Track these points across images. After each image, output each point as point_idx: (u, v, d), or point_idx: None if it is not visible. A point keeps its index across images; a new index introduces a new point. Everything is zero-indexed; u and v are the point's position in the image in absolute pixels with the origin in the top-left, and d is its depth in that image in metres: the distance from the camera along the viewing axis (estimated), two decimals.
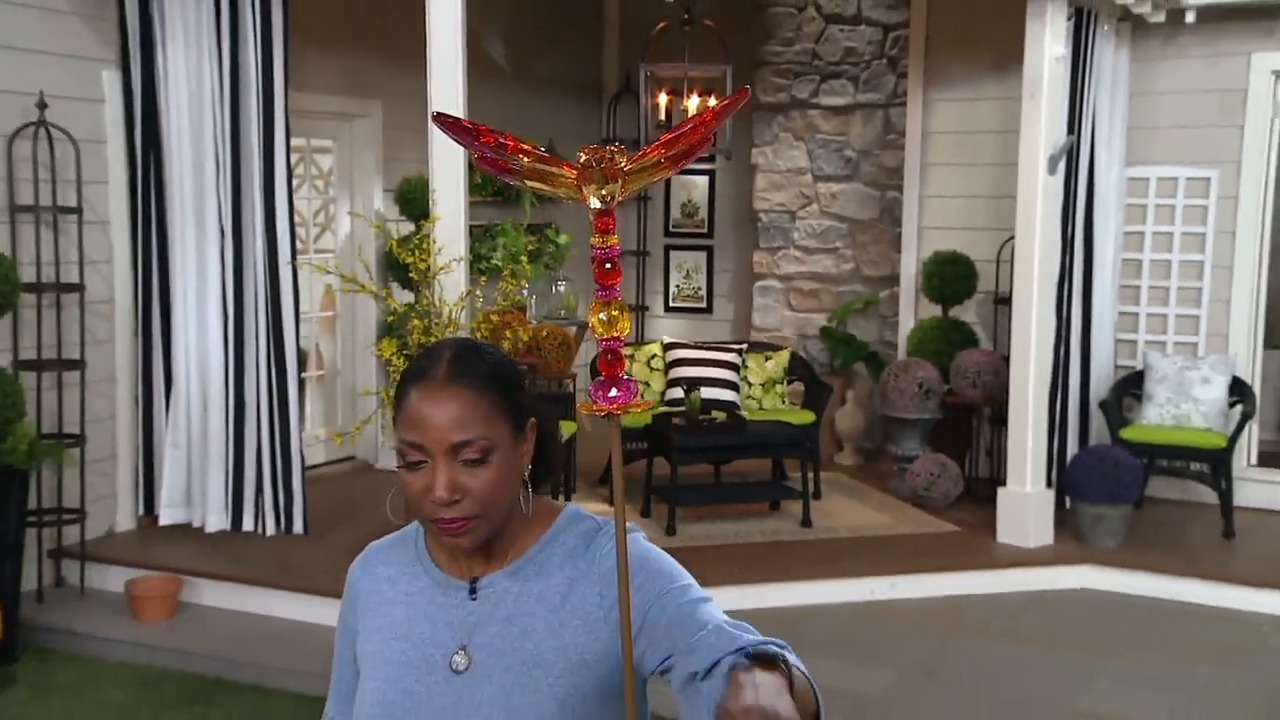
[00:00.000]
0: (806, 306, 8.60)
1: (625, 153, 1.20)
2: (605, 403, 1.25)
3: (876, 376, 7.80)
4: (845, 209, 8.44)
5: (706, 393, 6.77)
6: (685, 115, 6.77)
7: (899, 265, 8.03)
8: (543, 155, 1.20)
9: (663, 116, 7.61)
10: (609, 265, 1.21)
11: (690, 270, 9.51)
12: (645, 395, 7.23)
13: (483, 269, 7.52)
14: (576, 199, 1.21)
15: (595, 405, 1.25)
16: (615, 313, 1.22)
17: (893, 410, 7.20)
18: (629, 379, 1.24)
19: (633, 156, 1.20)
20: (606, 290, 1.22)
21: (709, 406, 6.65)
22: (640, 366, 7.30)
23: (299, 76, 6.14)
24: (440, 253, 5.36)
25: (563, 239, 8.45)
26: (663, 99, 7.63)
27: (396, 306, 5.86)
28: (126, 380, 6.08)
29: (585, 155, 1.19)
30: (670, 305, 9.59)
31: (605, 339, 1.24)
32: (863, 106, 8.31)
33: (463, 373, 1.52)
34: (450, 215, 5.42)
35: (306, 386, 7.22)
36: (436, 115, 1.23)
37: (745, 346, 7.55)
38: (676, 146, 1.19)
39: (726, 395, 7.03)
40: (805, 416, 7.08)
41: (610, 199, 1.19)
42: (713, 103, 7.27)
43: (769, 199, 8.62)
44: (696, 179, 9.44)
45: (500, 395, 1.54)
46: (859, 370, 8.19)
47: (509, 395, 1.56)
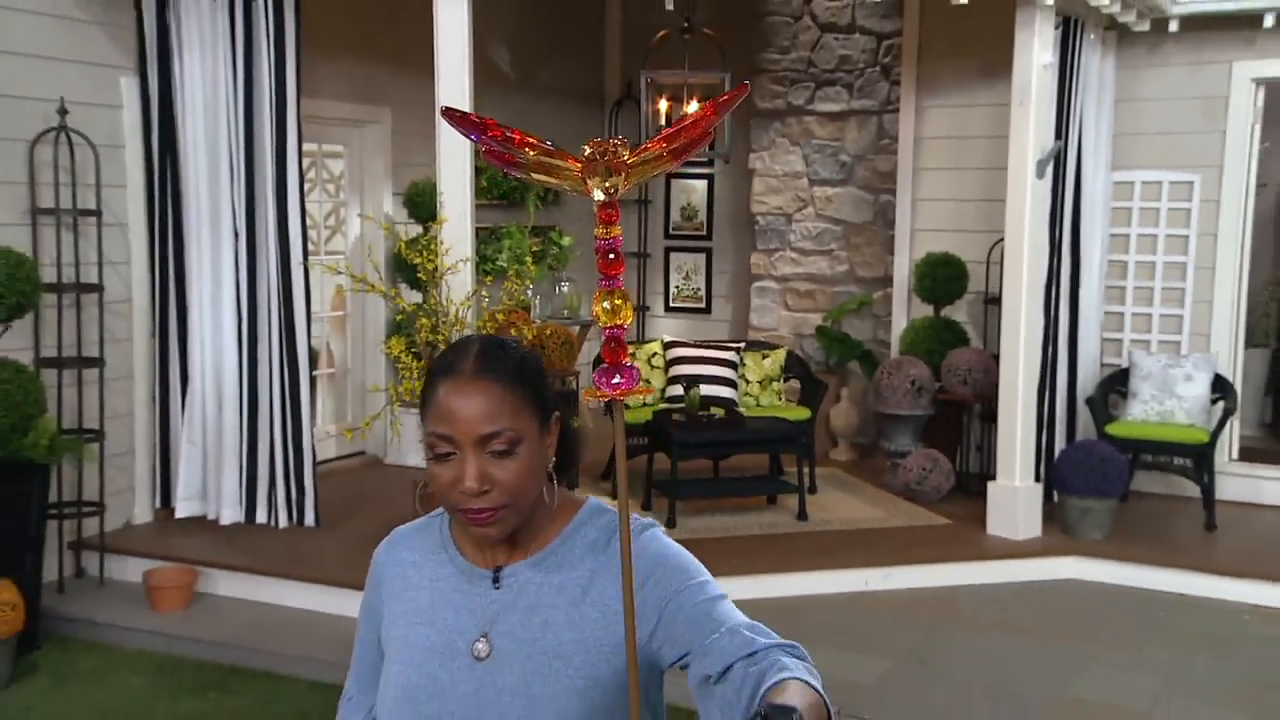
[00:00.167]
0: (802, 306, 8.60)
1: (628, 146, 1.19)
2: (609, 389, 1.24)
3: (870, 374, 7.80)
4: (840, 212, 8.44)
5: (705, 390, 6.77)
6: None
7: (892, 266, 8.03)
8: (548, 148, 1.20)
9: (663, 122, 7.58)
10: (612, 255, 1.21)
11: (690, 271, 9.50)
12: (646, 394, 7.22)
13: (488, 270, 7.51)
14: (581, 191, 1.20)
15: (599, 391, 1.25)
16: (618, 301, 1.21)
17: (886, 407, 7.20)
18: (632, 366, 1.23)
19: (635, 150, 1.20)
20: (610, 280, 1.22)
21: (708, 403, 6.64)
22: (641, 365, 7.29)
23: (311, 84, 6.14)
24: (447, 254, 5.36)
25: (566, 241, 8.43)
26: (663, 105, 7.60)
27: (405, 306, 5.85)
28: (144, 377, 6.08)
29: (589, 148, 1.18)
30: (670, 305, 9.59)
31: (609, 327, 1.24)
32: (857, 112, 8.31)
33: (490, 367, 1.52)
34: (457, 218, 5.43)
35: (318, 384, 7.23)
36: (445, 110, 1.22)
37: (743, 345, 7.54)
38: (678, 140, 1.19)
39: (725, 392, 7.02)
40: (801, 413, 7.07)
41: (614, 191, 1.19)
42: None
43: (766, 202, 8.62)
44: (696, 183, 9.43)
45: (526, 389, 1.54)
46: (853, 368, 8.18)
47: (534, 389, 1.55)
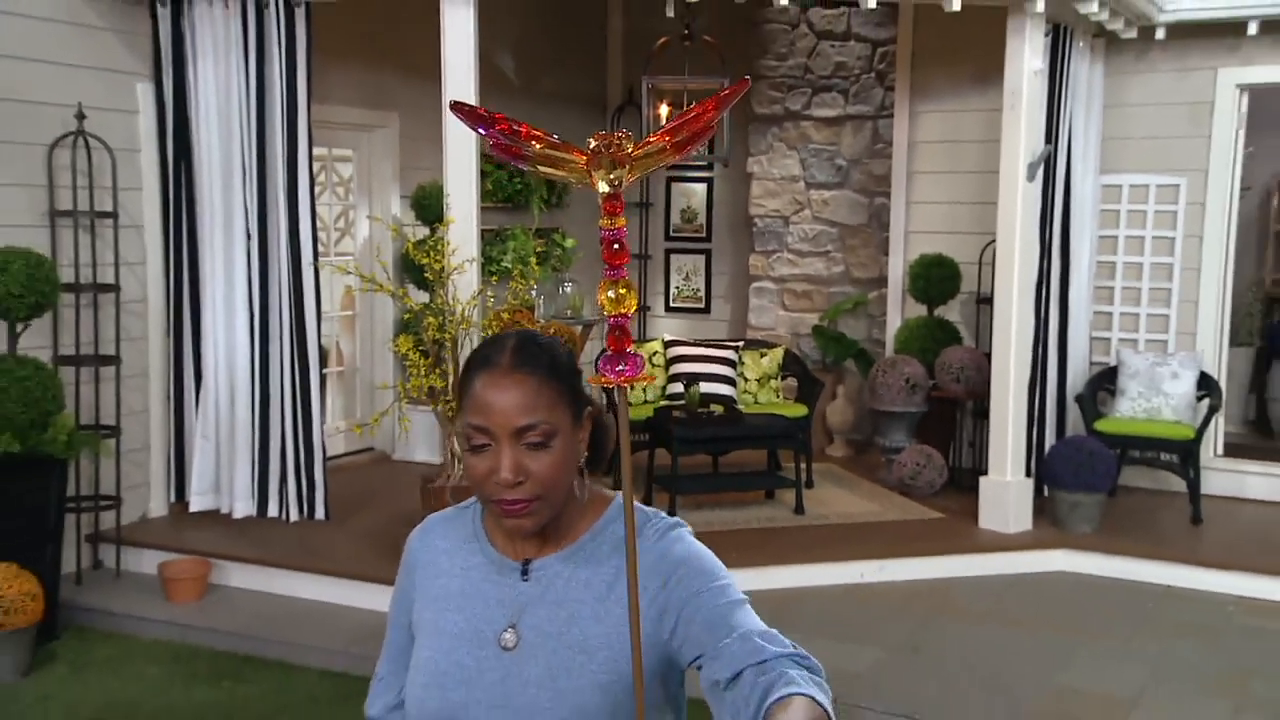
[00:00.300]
0: (799, 306, 8.60)
1: (632, 139, 1.20)
2: (613, 375, 1.24)
3: (865, 372, 7.80)
4: (836, 214, 8.44)
5: (705, 387, 6.77)
6: None
7: (887, 267, 8.03)
8: (554, 142, 1.20)
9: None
10: (617, 246, 1.21)
11: (690, 273, 9.50)
12: (648, 390, 7.23)
13: (493, 270, 7.51)
14: (586, 183, 1.20)
15: (604, 378, 1.25)
16: (623, 290, 1.22)
17: (881, 404, 7.20)
18: (635, 354, 1.23)
19: (639, 143, 1.20)
20: (614, 269, 1.22)
21: (708, 400, 6.65)
22: None
23: (321, 90, 6.14)
24: (454, 254, 5.36)
25: (569, 243, 8.43)
26: (664, 110, 7.61)
27: (413, 305, 5.86)
28: (159, 375, 6.09)
29: (594, 141, 1.19)
30: (671, 306, 9.58)
31: (613, 315, 1.24)
32: (852, 118, 8.31)
33: (526, 361, 1.51)
34: (463, 220, 5.43)
35: (327, 381, 7.22)
36: (454, 104, 1.23)
37: (742, 344, 7.54)
38: (681, 133, 1.19)
39: (724, 390, 7.02)
40: (798, 410, 7.07)
41: (618, 183, 1.19)
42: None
43: (764, 205, 8.62)
44: (695, 186, 9.42)
45: (561, 383, 1.53)
46: (849, 367, 8.19)
47: (568, 384, 1.55)
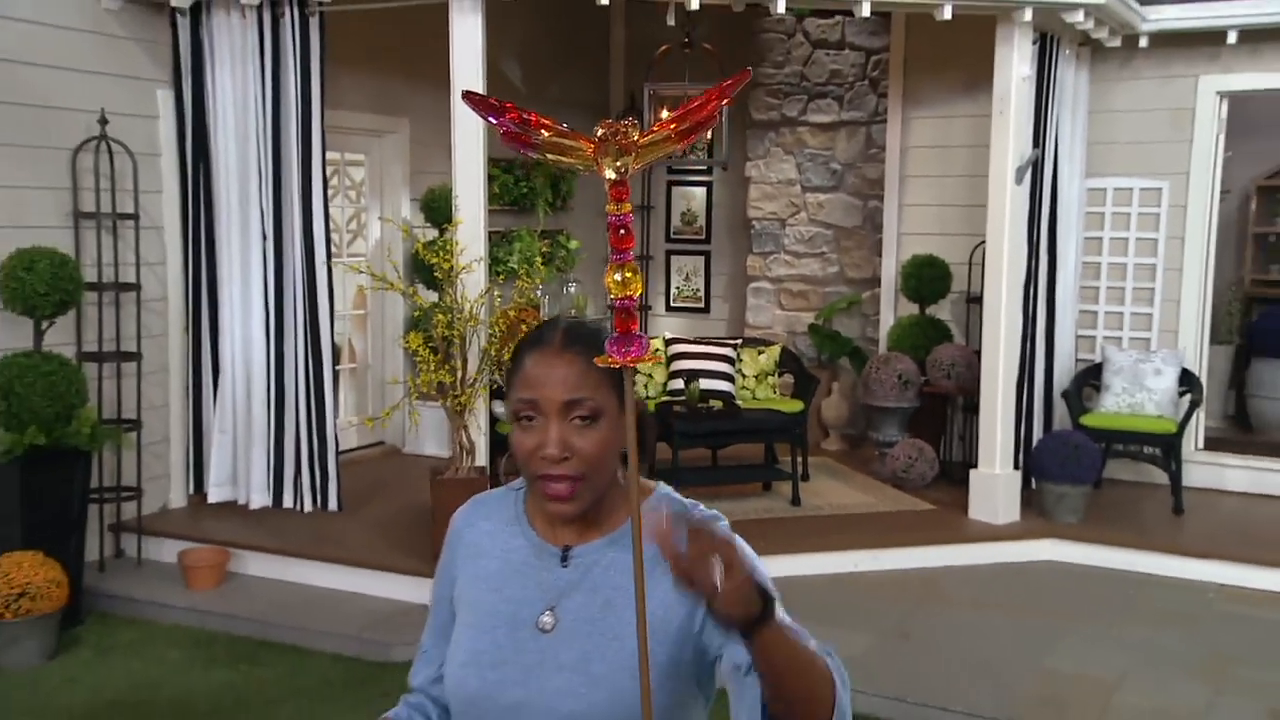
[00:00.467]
0: (796, 306, 8.60)
1: (638, 128, 1.20)
2: (620, 356, 1.24)
3: (859, 369, 7.80)
4: (831, 217, 8.44)
5: (705, 383, 6.77)
6: None
7: (880, 268, 8.03)
8: (562, 130, 1.20)
9: None
10: (623, 231, 1.21)
11: (689, 273, 9.50)
12: (649, 388, 7.23)
13: (500, 270, 7.51)
14: (593, 170, 1.21)
15: (611, 359, 1.25)
16: (629, 274, 1.22)
17: (874, 400, 7.20)
18: (641, 335, 1.24)
19: (645, 131, 1.21)
20: (621, 254, 1.22)
21: (707, 396, 6.65)
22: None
23: (334, 96, 6.15)
24: (462, 254, 5.36)
25: (573, 244, 8.43)
26: (665, 116, 7.61)
27: (422, 304, 5.86)
28: (178, 371, 6.09)
29: (601, 129, 1.19)
30: (671, 305, 9.59)
31: (620, 298, 1.24)
32: (847, 123, 8.31)
33: (576, 340, 1.51)
34: (471, 221, 5.43)
35: (340, 377, 7.23)
36: (466, 93, 1.23)
37: (740, 342, 7.55)
38: (685, 122, 1.20)
39: (723, 386, 7.03)
40: (795, 405, 7.08)
41: (624, 170, 1.19)
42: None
43: (761, 208, 8.62)
44: (695, 190, 9.43)
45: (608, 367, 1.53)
46: (843, 364, 8.18)
47: (614, 369, 1.55)
